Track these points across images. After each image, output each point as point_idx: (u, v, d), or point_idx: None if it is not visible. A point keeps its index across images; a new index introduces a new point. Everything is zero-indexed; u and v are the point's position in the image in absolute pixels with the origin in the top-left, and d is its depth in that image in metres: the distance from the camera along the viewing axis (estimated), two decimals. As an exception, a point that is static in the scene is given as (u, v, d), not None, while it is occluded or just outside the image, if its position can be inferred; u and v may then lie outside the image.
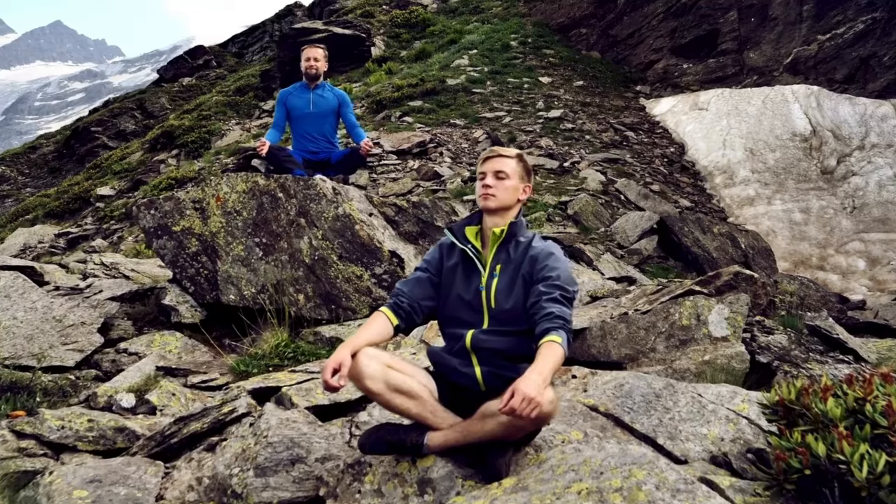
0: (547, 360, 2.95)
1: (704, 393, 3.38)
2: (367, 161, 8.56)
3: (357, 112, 24.01)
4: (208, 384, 5.19)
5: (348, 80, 28.44)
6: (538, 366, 2.92)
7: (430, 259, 3.73)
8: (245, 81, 32.67)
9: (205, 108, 30.28)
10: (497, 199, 3.53)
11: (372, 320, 3.49)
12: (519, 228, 3.58)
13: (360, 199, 6.21)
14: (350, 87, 26.98)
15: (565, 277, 3.34)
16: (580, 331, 6.54)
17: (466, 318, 3.48)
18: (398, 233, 6.08)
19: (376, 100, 24.05)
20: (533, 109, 22.77)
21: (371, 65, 28.55)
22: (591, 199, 16.48)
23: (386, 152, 20.69)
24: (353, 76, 28.82)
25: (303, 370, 4.97)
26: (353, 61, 29.76)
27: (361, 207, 6.06)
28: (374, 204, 6.21)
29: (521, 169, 3.61)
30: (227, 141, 25.34)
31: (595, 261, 13.08)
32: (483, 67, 25.80)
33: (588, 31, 28.51)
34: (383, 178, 19.41)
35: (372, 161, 20.28)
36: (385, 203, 6.18)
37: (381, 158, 20.40)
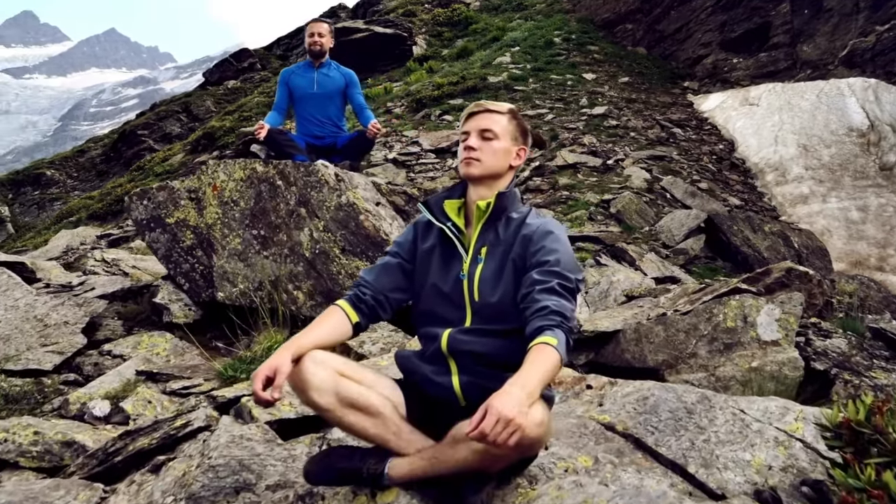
0: (535, 368, 2.31)
1: (748, 408, 2.74)
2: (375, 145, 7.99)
3: (397, 111, 23.61)
4: (190, 391, 4.64)
5: (389, 79, 28.07)
6: (522, 376, 2.28)
7: (401, 241, 3.07)
8: (286, 83, 32.32)
9: (246, 109, 30.07)
10: (482, 164, 2.87)
11: (324, 316, 2.86)
12: (510, 201, 2.90)
13: (367, 187, 5.63)
14: (391, 86, 26.59)
15: (566, 262, 2.66)
16: (612, 333, 5.92)
17: (444, 315, 2.84)
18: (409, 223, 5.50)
19: (416, 98, 23.60)
20: (576, 106, 22.14)
21: (412, 64, 28.11)
22: (634, 197, 15.83)
23: (424, 151, 20.24)
24: (394, 75, 28.42)
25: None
26: (394, 60, 29.35)
27: (367, 196, 5.48)
28: (383, 192, 5.63)
29: (513, 127, 2.95)
30: (267, 142, 24.89)
31: (638, 260, 12.44)
32: (525, 65, 25.20)
33: (634, 26, 27.70)
34: (421, 177, 18.95)
35: (410, 160, 19.85)
36: (394, 191, 5.59)
37: (419, 157, 19.96)
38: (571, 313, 2.56)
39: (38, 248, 19.47)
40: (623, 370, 5.75)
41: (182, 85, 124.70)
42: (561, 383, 3.17)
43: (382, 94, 25.88)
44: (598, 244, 13.59)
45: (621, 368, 5.77)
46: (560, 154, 18.55)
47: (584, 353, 5.96)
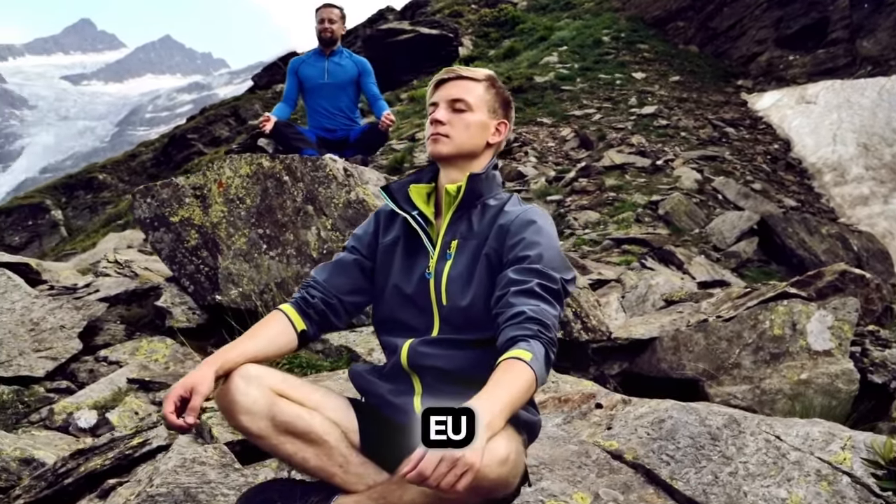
0: (499, 390, 1.86)
1: (785, 434, 2.28)
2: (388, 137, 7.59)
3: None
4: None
5: (435, 80, 27.73)
6: (482, 400, 1.82)
7: (360, 234, 2.60)
8: (333, 85, 32.22)
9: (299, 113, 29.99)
10: (452, 140, 2.37)
11: (263, 323, 2.40)
12: (486, 185, 2.42)
13: (378, 183, 5.24)
14: (436, 87, 26.24)
15: (550, 259, 2.20)
16: (648, 341, 5.47)
17: (408, 321, 2.39)
18: None
19: (462, 100, 23.22)
20: (625, 106, 21.65)
21: (458, 65, 27.73)
22: (684, 199, 15.33)
23: (468, 152, 19.89)
24: (439, 77, 28.07)
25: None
26: (440, 62, 28.96)
27: (378, 192, 5.10)
28: None
29: (491, 97, 2.46)
30: (311, 145, 24.75)
31: (686, 263, 11.99)
32: (573, 64, 24.74)
33: (685, 24, 27.00)
34: (464, 179, 18.60)
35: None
36: None
37: (462, 158, 19.59)
38: (554, 321, 2.11)
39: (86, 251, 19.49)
40: (659, 381, 5.31)
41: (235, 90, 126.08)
42: (567, 401, 2.74)
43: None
44: (645, 246, 13.15)
45: (657, 379, 5.33)
46: (607, 154, 18.08)
47: (618, 362, 5.53)
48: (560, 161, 18.95)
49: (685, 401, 5.01)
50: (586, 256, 12.34)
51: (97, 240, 23.77)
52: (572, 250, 13.28)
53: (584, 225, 14.97)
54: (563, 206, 16.02)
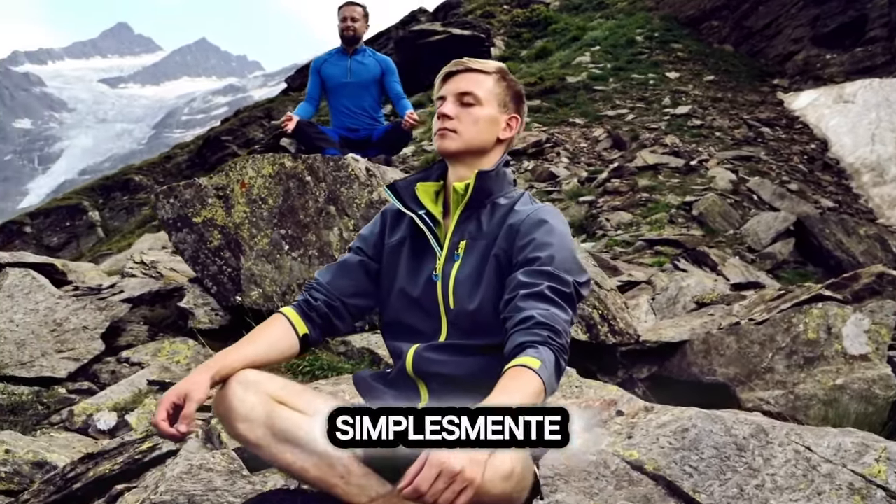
0: (504, 399, 1.73)
1: (816, 445, 2.16)
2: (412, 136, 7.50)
3: (473, 113, 23.19)
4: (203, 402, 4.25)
5: (467, 81, 27.66)
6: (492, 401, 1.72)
7: (366, 234, 2.50)
8: (365, 86, 32.25)
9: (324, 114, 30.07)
10: (460, 136, 2.26)
11: (264, 326, 2.31)
12: (496, 183, 2.30)
13: None
14: (467, 88, 26.18)
15: (562, 260, 2.08)
16: (678, 344, 5.34)
17: (415, 326, 2.28)
18: None
19: (493, 100, 23.13)
20: (658, 106, 21.45)
21: (489, 65, 27.61)
22: (718, 199, 15.13)
23: (500, 153, 19.81)
24: (471, 78, 27.99)
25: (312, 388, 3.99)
26: (472, 62, 28.90)
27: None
28: None
29: (502, 91, 2.34)
30: (343, 145, 24.81)
31: (720, 265, 11.80)
32: (606, 64, 24.55)
33: (720, 23, 26.68)
34: (496, 180, 18.52)
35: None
36: None
37: (494, 159, 19.51)
38: (565, 326, 1.99)
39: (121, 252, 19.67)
40: (689, 385, 5.18)
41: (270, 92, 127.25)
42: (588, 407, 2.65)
43: (459, 97, 25.47)
44: (679, 248, 12.99)
45: (687, 383, 5.20)
46: (640, 155, 17.91)
47: (647, 365, 5.40)
48: (592, 162, 18.82)
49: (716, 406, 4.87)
50: (618, 258, 12.19)
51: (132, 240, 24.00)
52: (604, 251, 13.15)
53: (617, 226, 14.83)
54: (596, 206, 15.89)
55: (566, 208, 16.20)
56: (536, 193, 17.31)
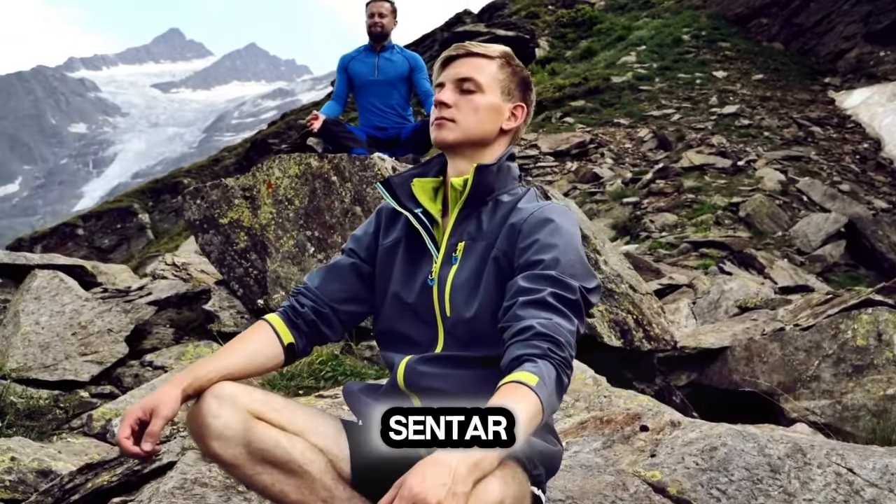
0: None
1: (860, 466, 1.96)
2: None
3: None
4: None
5: (511, 82, 27.50)
6: None
7: (359, 235, 2.28)
8: (409, 89, 32.23)
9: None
10: (459, 126, 2.06)
11: (245, 334, 2.10)
12: (499, 178, 2.09)
13: None
14: (511, 89, 26.02)
15: (568, 263, 1.87)
16: (719, 351, 5.12)
17: (410, 334, 2.08)
18: None
19: (536, 101, 22.91)
20: (705, 106, 21.09)
21: (534, 66, 27.44)
22: (766, 200, 14.80)
23: (542, 154, 19.65)
24: (515, 79, 27.81)
25: (333, 395, 3.85)
26: (516, 64, 28.70)
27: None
28: None
29: (506, 77, 2.13)
30: (387, 148, 24.79)
31: (768, 268, 11.52)
32: (651, 63, 24.22)
33: (769, 20, 26.14)
34: (538, 181, 18.35)
35: (527, 163, 19.26)
36: None
37: (536, 161, 19.38)
38: (569, 337, 1.77)
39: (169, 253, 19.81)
40: (730, 394, 4.96)
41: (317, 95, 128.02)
42: (609, 422, 2.44)
43: (503, 98, 25.31)
44: (725, 250, 12.72)
45: (728, 392, 4.98)
46: (686, 155, 17.60)
47: (686, 372, 5.20)
48: (637, 162, 18.55)
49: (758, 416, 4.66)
50: (661, 260, 11.95)
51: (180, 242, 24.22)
52: (647, 253, 12.92)
53: (661, 227, 14.58)
54: (640, 208, 15.65)
55: (610, 210, 15.98)
56: (580, 194, 17.09)
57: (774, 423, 4.45)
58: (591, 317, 4.40)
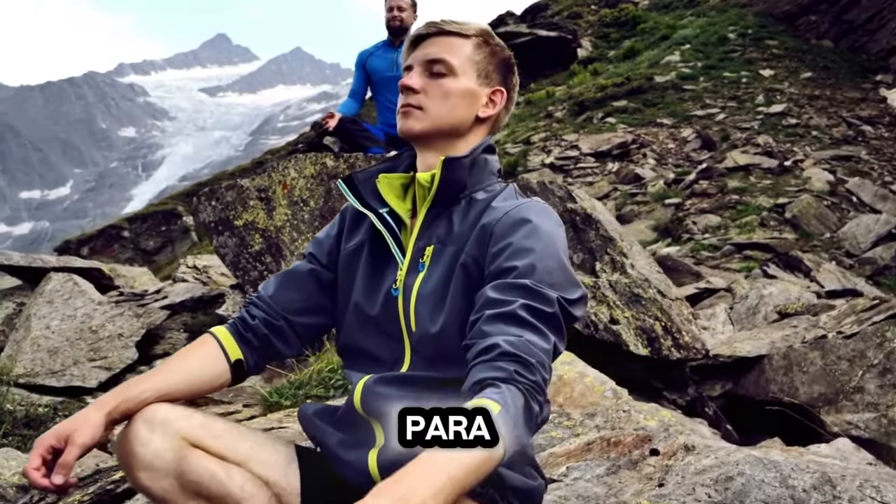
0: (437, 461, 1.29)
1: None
2: None
3: (557, 115, 22.75)
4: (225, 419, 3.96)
5: (552, 83, 27.26)
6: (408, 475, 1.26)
7: (321, 238, 2.02)
8: (450, 90, 32.08)
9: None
10: (427, 114, 1.80)
11: (188, 350, 1.87)
12: (473, 173, 1.83)
13: None
14: (553, 90, 25.80)
15: (546, 271, 1.61)
16: (755, 359, 4.83)
17: (374, 351, 1.82)
18: None
19: (578, 101, 22.70)
20: (751, 105, 20.60)
21: (576, 67, 27.17)
22: (813, 201, 14.35)
23: (583, 155, 19.35)
24: (557, 79, 27.57)
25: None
26: (558, 64, 28.47)
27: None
28: None
29: (483, 58, 1.87)
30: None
31: (814, 270, 11.10)
32: (696, 63, 23.77)
33: (818, 17, 25.51)
34: (578, 182, 18.11)
35: (567, 164, 18.97)
36: None
37: (577, 161, 19.08)
38: (543, 357, 1.49)
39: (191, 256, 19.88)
40: (767, 405, 4.66)
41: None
42: (617, 444, 2.18)
43: (544, 98, 25.07)
44: (769, 252, 12.35)
45: (765, 403, 4.69)
46: (731, 155, 17.19)
47: (720, 382, 4.91)
48: (680, 163, 18.17)
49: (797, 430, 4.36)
50: (702, 262, 11.62)
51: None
52: (689, 255, 12.59)
53: (704, 229, 14.22)
54: (682, 209, 15.30)
55: (651, 211, 15.65)
56: (620, 195, 16.77)
57: (815, 437, 4.17)
58: (616, 323, 4.14)
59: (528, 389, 1.43)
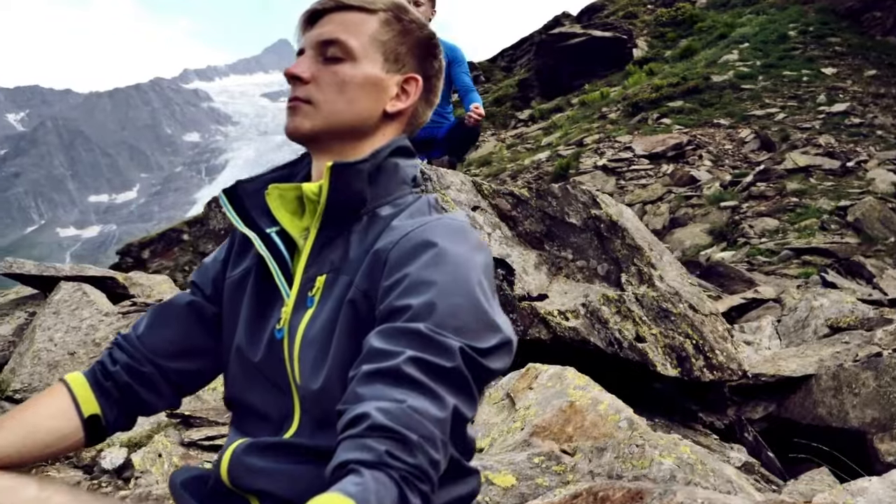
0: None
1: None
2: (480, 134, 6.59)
3: (612, 116, 22.30)
4: (214, 441, 3.69)
5: (607, 84, 26.80)
6: None
7: (207, 263, 1.65)
8: (503, 92, 31.87)
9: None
10: (319, 109, 1.43)
11: (32, 401, 1.49)
12: (377, 181, 1.44)
13: (462, 188, 4.38)
14: (607, 90, 25.37)
15: (449, 310, 1.21)
16: (802, 379, 4.43)
17: (258, 407, 1.45)
18: (516, 233, 4.22)
19: (632, 102, 22.24)
20: (812, 104, 19.91)
21: (631, 67, 26.68)
22: (878, 204, 13.72)
23: (637, 157, 18.88)
24: (612, 80, 27.12)
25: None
26: (613, 64, 28.02)
27: (461, 198, 4.26)
28: (484, 193, 4.34)
29: (393, 38, 1.49)
30: (481, 152, 24.55)
31: (877, 277, 10.55)
32: (755, 61, 23.12)
33: (883, 13, 24.63)
34: (631, 185, 17.69)
35: (621, 166, 18.53)
36: (499, 193, 4.29)
37: (630, 163, 18.63)
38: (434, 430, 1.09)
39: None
40: (814, 430, 4.27)
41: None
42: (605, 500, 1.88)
43: (598, 100, 24.64)
44: (829, 257, 11.81)
45: (812, 428, 4.29)
46: (790, 156, 16.57)
47: (763, 403, 4.52)
48: (737, 164, 17.61)
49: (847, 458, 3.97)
50: (756, 269, 11.13)
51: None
52: (744, 261, 12.12)
53: (761, 233, 13.71)
54: (738, 212, 14.79)
55: (706, 214, 15.17)
56: (674, 198, 16.29)
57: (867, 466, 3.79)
58: (643, 341, 3.78)
59: (406, 477, 1.04)
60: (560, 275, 4.09)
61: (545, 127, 24.91)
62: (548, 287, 4.01)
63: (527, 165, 20.51)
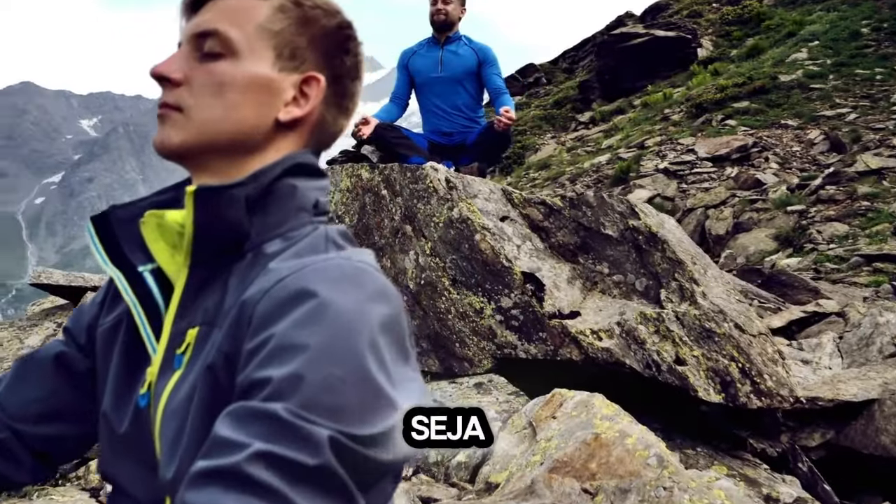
0: None
1: None
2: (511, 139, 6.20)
3: (674, 117, 21.75)
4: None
5: (670, 84, 26.20)
6: None
7: (85, 308, 1.34)
8: (564, 94, 31.45)
9: (520, 123, 29.35)
10: (191, 118, 1.11)
11: None
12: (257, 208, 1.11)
13: (491, 196, 4.08)
14: (670, 91, 24.79)
15: (322, 384, 0.86)
16: (863, 404, 4.05)
17: (128, 486, 1.12)
18: (548, 245, 3.91)
19: (696, 103, 21.65)
20: (886, 104, 19.10)
21: (695, 67, 26.05)
22: (956, 208, 13.01)
23: (700, 159, 18.34)
24: (675, 80, 26.51)
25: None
26: (676, 65, 27.42)
27: (489, 208, 3.97)
28: (515, 202, 4.03)
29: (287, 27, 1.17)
30: (540, 155, 24.25)
31: (955, 289, 9.94)
32: (825, 60, 22.30)
33: (963, 7, 23.60)
34: (694, 188, 17.17)
35: (682, 169, 18.01)
36: (530, 202, 3.98)
37: (693, 166, 18.09)
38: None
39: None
40: (876, 461, 3.90)
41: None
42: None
43: (661, 101, 24.09)
44: (902, 266, 11.21)
45: (873, 458, 3.92)
46: (862, 158, 15.88)
47: (820, 430, 4.15)
48: (805, 167, 16.96)
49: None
50: (822, 277, 10.61)
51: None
52: (811, 268, 11.58)
53: (829, 238, 13.12)
54: (806, 217, 14.20)
55: (772, 219, 14.62)
56: (738, 202, 15.74)
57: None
58: (683, 363, 3.46)
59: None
60: (595, 290, 3.79)
61: (606, 129, 24.47)
62: (581, 303, 3.72)
63: (586, 168, 20.14)
